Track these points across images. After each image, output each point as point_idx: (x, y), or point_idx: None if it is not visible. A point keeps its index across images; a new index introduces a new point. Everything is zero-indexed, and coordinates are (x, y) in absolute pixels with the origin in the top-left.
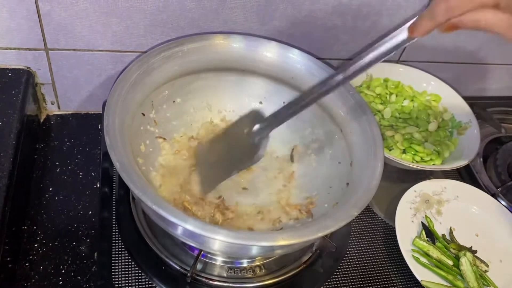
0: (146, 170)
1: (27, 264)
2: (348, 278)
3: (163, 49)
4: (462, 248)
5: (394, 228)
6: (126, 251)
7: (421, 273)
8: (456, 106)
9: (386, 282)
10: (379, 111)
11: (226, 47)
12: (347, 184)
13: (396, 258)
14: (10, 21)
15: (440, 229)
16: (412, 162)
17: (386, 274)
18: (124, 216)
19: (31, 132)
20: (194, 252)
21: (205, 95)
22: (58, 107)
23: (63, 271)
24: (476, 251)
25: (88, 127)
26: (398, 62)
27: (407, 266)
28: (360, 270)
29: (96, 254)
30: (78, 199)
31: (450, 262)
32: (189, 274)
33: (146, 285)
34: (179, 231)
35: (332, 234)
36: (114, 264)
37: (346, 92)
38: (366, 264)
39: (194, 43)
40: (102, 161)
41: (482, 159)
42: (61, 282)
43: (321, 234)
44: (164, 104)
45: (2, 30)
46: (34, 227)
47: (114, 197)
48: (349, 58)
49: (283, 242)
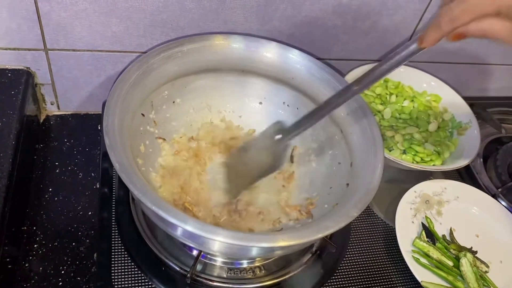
0: (145, 171)
1: (27, 264)
2: (348, 278)
3: (163, 49)
4: (462, 248)
5: (394, 228)
6: (126, 252)
7: (421, 273)
8: (456, 107)
9: (386, 283)
10: (379, 112)
11: (226, 48)
12: (347, 184)
13: (396, 259)
14: (10, 21)
15: (440, 229)
16: (412, 162)
17: (386, 274)
18: (123, 216)
19: (31, 132)
20: (194, 252)
21: (205, 96)
22: (58, 108)
23: (63, 272)
24: (476, 252)
25: (87, 128)
26: None
27: (407, 267)
28: (360, 271)
29: (95, 254)
30: (78, 200)
31: (450, 263)
32: (189, 275)
33: (146, 285)
34: (179, 232)
35: (332, 235)
36: (113, 264)
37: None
38: (366, 264)
39: (194, 44)
40: (101, 161)
41: (482, 160)
42: (60, 283)
43: (321, 235)
44: (163, 104)
45: (2, 30)
46: (34, 228)
47: (114, 197)
48: (349, 58)
49: (283, 243)
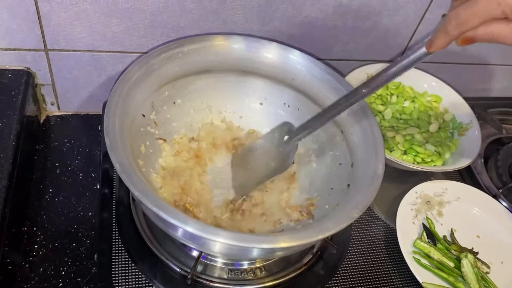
0: (146, 172)
1: (27, 265)
2: (349, 279)
3: (164, 50)
4: (463, 249)
5: (395, 229)
6: (126, 253)
7: (422, 274)
8: (457, 107)
9: (387, 284)
10: (380, 112)
11: (227, 48)
12: (348, 185)
13: (397, 260)
14: (10, 21)
15: (441, 230)
16: (413, 163)
17: (387, 275)
18: (124, 217)
19: (31, 133)
20: (194, 253)
21: (205, 96)
22: (58, 108)
23: (63, 273)
24: (477, 253)
25: (88, 128)
26: None
27: (408, 268)
28: (361, 272)
29: (96, 255)
30: (78, 200)
31: (451, 264)
32: (189, 276)
33: (146, 287)
34: (180, 233)
35: (333, 236)
36: (114, 265)
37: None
38: (367, 265)
39: (195, 44)
40: (102, 162)
41: (483, 160)
42: (61, 284)
43: (321, 236)
44: (164, 105)
45: (2, 30)
46: (34, 229)
47: (114, 198)
48: (349, 59)
49: (284, 244)
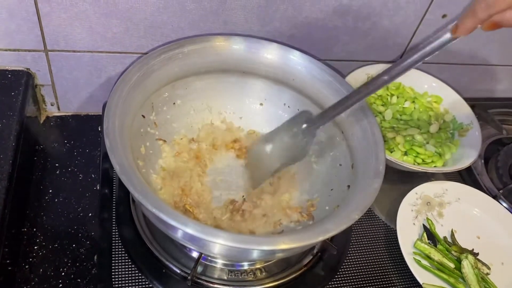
0: (146, 173)
1: (27, 266)
2: (349, 280)
3: (163, 50)
4: (463, 250)
5: (395, 230)
6: (126, 254)
7: (422, 275)
8: (457, 108)
9: (387, 285)
10: (380, 113)
11: (227, 49)
12: (348, 186)
13: (397, 261)
14: (10, 22)
15: (441, 231)
16: (413, 164)
17: (387, 276)
18: (124, 218)
19: (31, 133)
20: (194, 254)
21: (205, 97)
22: (58, 109)
23: (63, 274)
24: (477, 254)
25: (88, 129)
26: None
27: (409, 269)
28: (361, 273)
29: (96, 256)
30: (78, 201)
31: (452, 265)
32: (189, 277)
33: None
34: (180, 234)
35: (333, 237)
36: (114, 266)
37: (347, 94)
38: (367, 266)
39: (195, 45)
40: (102, 162)
41: (483, 161)
42: (60, 285)
43: (322, 238)
44: (164, 106)
45: (2, 31)
46: (34, 229)
47: (114, 198)
48: (350, 59)
49: (284, 246)
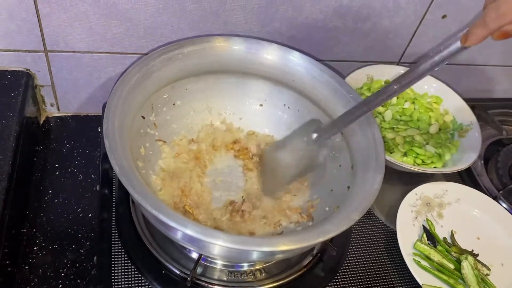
0: (146, 174)
1: (27, 267)
2: (349, 281)
3: (163, 51)
4: (463, 251)
5: (395, 231)
6: (126, 254)
7: (422, 276)
8: (457, 108)
9: (387, 286)
10: (380, 114)
11: (227, 50)
12: (348, 187)
13: (397, 262)
14: (10, 23)
15: (441, 232)
16: (413, 165)
17: (387, 277)
18: (123, 218)
19: (31, 134)
20: (194, 255)
21: (205, 98)
22: (58, 109)
23: (63, 274)
24: (477, 255)
25: (87, 129)
26: (398, 64)
27: (408, 270)
28: (361, 274)
29: (95, 257)
30: (78, 202)
31: (452, 266)
32: (189, 278)
33: None
34: (179, 236)
35: (333, 238)
36: (113, 267)
37: (347, 94)
38: (367, 267)
39: (194, 46)
40: (101, 163)
41: (483, 162)
42: (60, 286)
43: (322, 239)
44: (164, 106)
45: (2, 32)
46: (34, 230)
47: (114, 199)
48: (349, 60)
49: (284, 247)
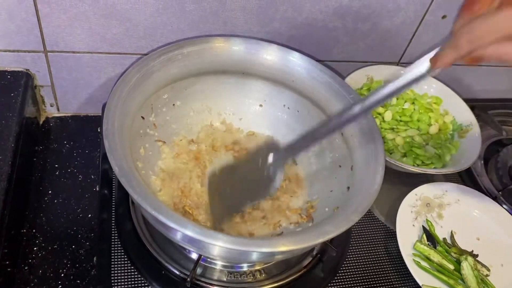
0: (145, 174)
1: (26, 267)
2: (348, 282)
3: (163, 51)
4: (463, 252)
5: (395, 232)
6: (126, 255)
7: (422, 277)
8: (457, 109)
9: (387, 287)
10: (380, 114)
11: (226, 50)
12: (348, 188)
13: (397, 262)
14: (9, 23)
15: (441, 233)
16: (413, 165)
17: (387, 278)
18: (123, 219)
19: (30, 134)
20: (194, 256)
21: (205, 98)
22: (58, 109)
23: (62, 275)
24: (477, 255)
25: (87, 130)
26: (398, 64)
27: (408, 270)
28: (360, 274)
29: (95, 257)
30: (78, 202)
31: (451, 266)
32: (188, 278)
33: None
34: (179, 236)
35: (332, 238)
36: (113, 267)
37: (347, 95)
38: (366, 268)
39: (194, 46)
40: (101, 163)
41: (483, 162)
42: (60, 286)
43: (321, 240)
44: (164, 107)
45: (1, 32)
46: (33, 231)
47: (114, 199)
48: (349, 60)
49: (283, 248)
